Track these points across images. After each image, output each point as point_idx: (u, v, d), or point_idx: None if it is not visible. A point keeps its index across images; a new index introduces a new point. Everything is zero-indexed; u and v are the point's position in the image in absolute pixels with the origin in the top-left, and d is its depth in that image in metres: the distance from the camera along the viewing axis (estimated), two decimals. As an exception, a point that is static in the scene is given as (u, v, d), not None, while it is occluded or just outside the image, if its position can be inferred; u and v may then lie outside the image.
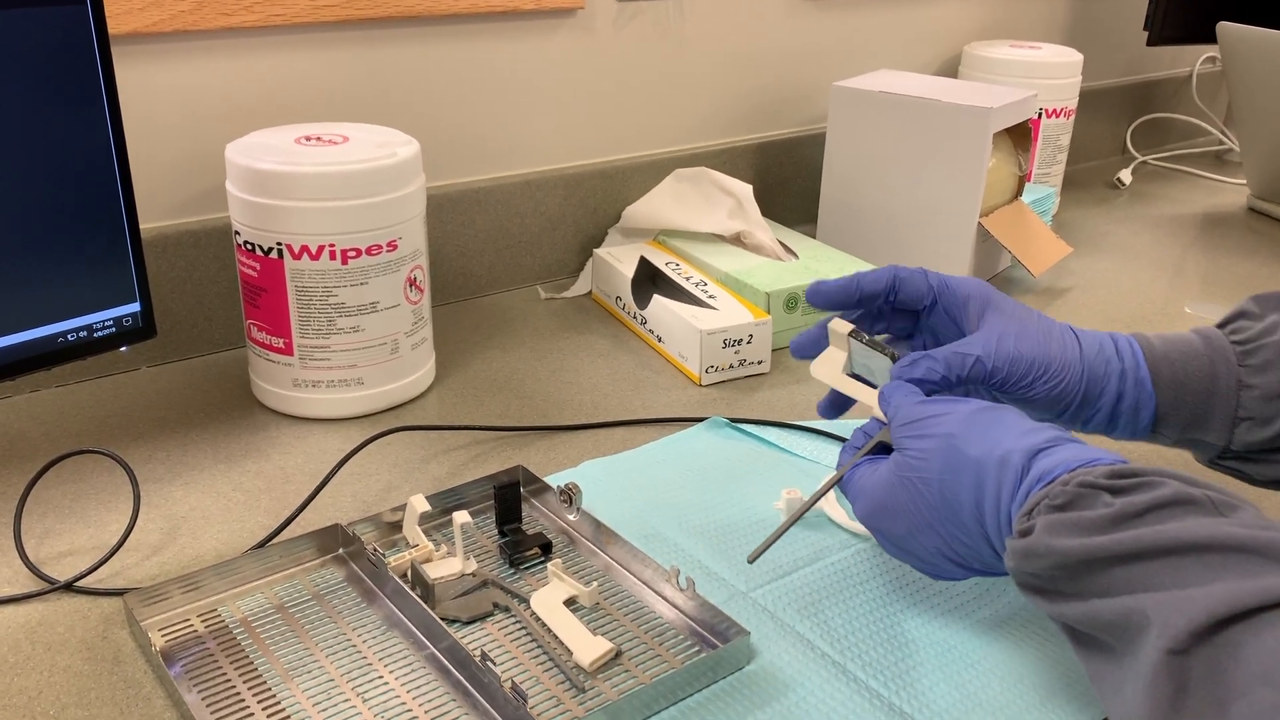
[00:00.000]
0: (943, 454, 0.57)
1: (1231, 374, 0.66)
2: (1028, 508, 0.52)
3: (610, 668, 0.61)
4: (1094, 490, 0.50)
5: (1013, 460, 0.55)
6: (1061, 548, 0.49)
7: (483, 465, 0.82)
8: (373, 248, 0.83)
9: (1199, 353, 0.67)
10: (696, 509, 0.76)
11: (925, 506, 0.58)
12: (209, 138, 0.94)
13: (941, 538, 0.58)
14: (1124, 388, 0.68)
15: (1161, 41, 1.58)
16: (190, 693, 0.59)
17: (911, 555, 0.61)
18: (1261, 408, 0.65)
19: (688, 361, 0.97)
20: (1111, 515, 0.48)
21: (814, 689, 0.60)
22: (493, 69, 1.10)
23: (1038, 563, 0.50)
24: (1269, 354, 0.65)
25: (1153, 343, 0.69)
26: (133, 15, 0.88)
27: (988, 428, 0.57)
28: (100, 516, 0.74)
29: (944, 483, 0.57)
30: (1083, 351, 0.68)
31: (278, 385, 0.87)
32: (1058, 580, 0.50)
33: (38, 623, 0.65)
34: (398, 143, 0.87)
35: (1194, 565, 0.45)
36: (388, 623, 0.65)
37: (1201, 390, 0.67)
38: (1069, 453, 0.54)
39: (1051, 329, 0.68)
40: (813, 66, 1.35)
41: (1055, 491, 0.51)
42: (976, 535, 0.57)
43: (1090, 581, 0.48)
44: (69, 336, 0.75)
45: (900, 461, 0.60)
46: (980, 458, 0.56)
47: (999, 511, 0.55)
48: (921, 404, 0.61)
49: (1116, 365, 0.68)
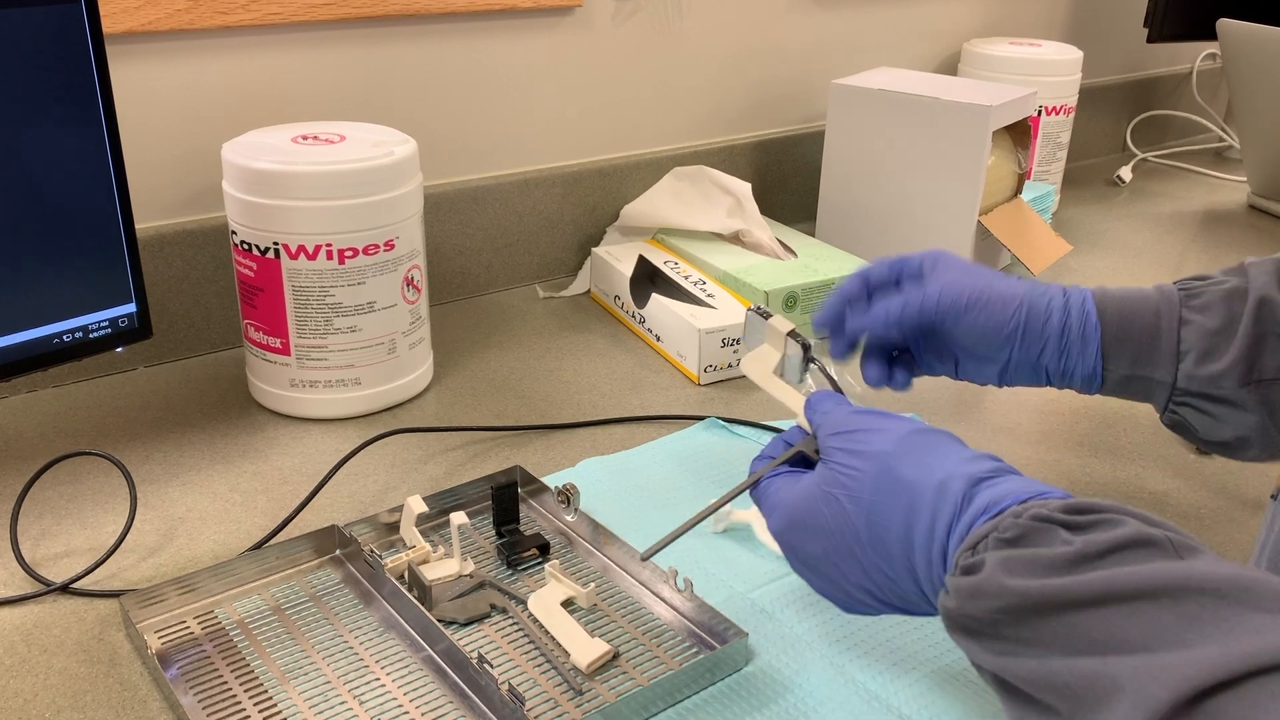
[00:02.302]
0: (875, 473, 0.53)
1: (1173, 311, 0.67)
2: (971, 541, 0.47)
3: (608, 669, 0.61)
4: (1049, 525, 0.46)
5: (952, 487, 0.50)
6: (1017, 588, 0.44)
7: (480, 465, 0.82)
8: (370, 247, 0.83)
9: (1146, 294, 0.69)
10: (695, 509, 0.75)
11: (849, 529, 0.53)
12: (205, 137, 0.94)
13: (862, 566, 0.53)
14: (1069, 319, 0.68)
15: (1161, 38, 1.57)
16: (186, 695, 0.58)
17: (824, 580, 0.55)
18: (1202, 341, 0.66)
19: (686, 360, 0.96)
20: (1071, 554, 0.44)
21: (813, 690, 0.60)
22: (490, 67, 1.09)
23: (985, 604, 0.45)
24: (1210, 298, 0.67)
25: (1107, 290, 0.70)
26: (129, 14, 0.87)
27: (925, 450, 0.53)
28: (97, 518, 0.74)
29: (874, 505, 0.52)
30: (1028, 288, 0.69)
31: (275, 385, 0.87)
32: (1003, 625, 0.45)
33: (33, 625, 0.64)
34: (394, 142, 0.86)
35: (1167, 616, 0.40)
36: (385, 624, 0.64)
37: (1145, 325, 0.68)
38: (1015, 484, 0.50)
39: (1001, 275, 0.70)
40: (811, 64, 1.35)
41: (1006, 524, 0.47)
42: (901, 567, 0.52)
43: (1045, 629, 0.43)
44: (65, 337, 0.75)
45: (827, 476, 0.55)
46: (916, 481, 0.51)
47: (931, 543, 0.50)
48: (855, 414, 0.57)
49: (1060, 300, 0.69)
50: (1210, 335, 0.66)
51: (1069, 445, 0.87)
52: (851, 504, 0.53)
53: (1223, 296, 0.67)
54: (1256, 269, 0.67)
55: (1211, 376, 0.66)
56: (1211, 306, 0.67)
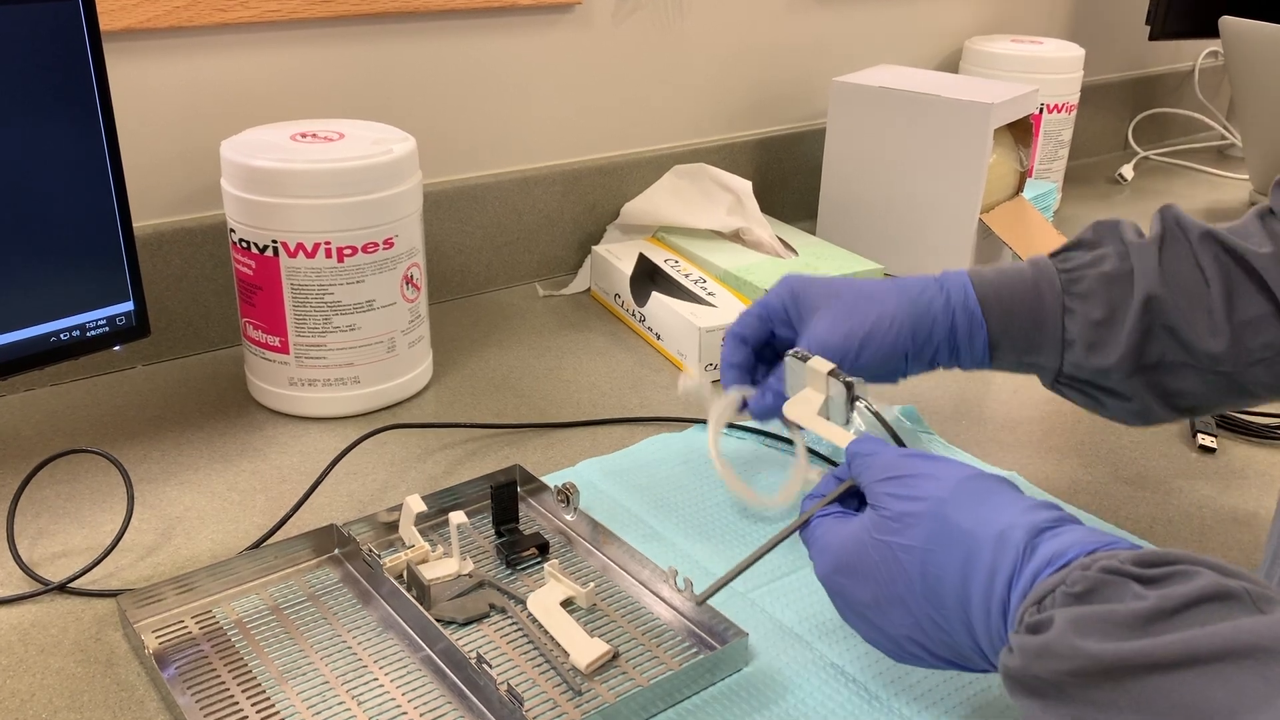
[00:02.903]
0: (930, 520, 0.51)
1: (1056, 300, 0.67)
2: (1037, 596, 0.45)
3: (607, 670, 0.61)
4: (1120, 578, 0.43)
5: (1013, 538, 0.48)
6: (1090, 651, 0.41)
7: (480, 464, 0.81)
8: (369, 245, 0.83)
9: (1027, 280, 0.69)
10: (695, 509, 0.75)
11: (900, 577, 0.51)
12: (204, 135, 0.94)
13: (914, 617, 0.51)
14: (954, 320, 0.68)
15: (1164, 36, 1.57)
16: (184, 695, 0.58)
17: (873, 628, 0.54)
18: (1085, 332, 0.66)
19: (686, 359, 0.96)
20: (1146, 611, 0.41)
21: (812, 691, 0.59)
22: (490, 64, 1.09)
23: (1055, 665, 0.43)
24: (1090, 283, 0.67)
25: (984, 274, 0.70)
26: (127, 11, 0.87)
27: (982, 498, 0.51)
28: (95, 517, 0.74)
29: (928, 555, 0.50)
30: (905, 304, 0.69)
31: (274, 384, 0.87)
32: (1074, 688, 0.42)
33: (30, 624, 0.64)
34: (394, 139, 0.86)
35: (1253, 680, 0.38)
36: (383, 624, 0.64)
37: (1029, 315, 0.68)
38: (1079, 534, 0.47)
39: (872, 293, 0.69)
40: (812, 62, 1.34)
41: (1074, 577, 0.44)
42: (956, 621, 0.50)
43: (1121, 693, 0.41)
44: (62, 336, 0.74)
45: (877, 522, 0.53)
46: (973, 531, 0.49)
47: (991, 596, 0.48)
48: (904, 458, 0.55)
49: (941, 301, 0.69)
50: (1095, 327, 0.66)
51: (1071, 446, 0.86)
52: (904, 553, 0.51)
53: (1103, 282, 0.66)
54: (1139, 254, 0.66)
55: (1098, 369, 0.67)
56: (1093, 295, 0.67)
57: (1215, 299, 0.65)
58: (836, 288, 0.70)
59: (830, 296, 0.70)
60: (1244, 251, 0.65)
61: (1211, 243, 0.66)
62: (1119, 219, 0.70)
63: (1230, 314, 0.65)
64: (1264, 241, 0.65)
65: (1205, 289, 0.65)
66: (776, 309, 0.72)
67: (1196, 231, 0.67)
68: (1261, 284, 0.64)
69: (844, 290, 0.70)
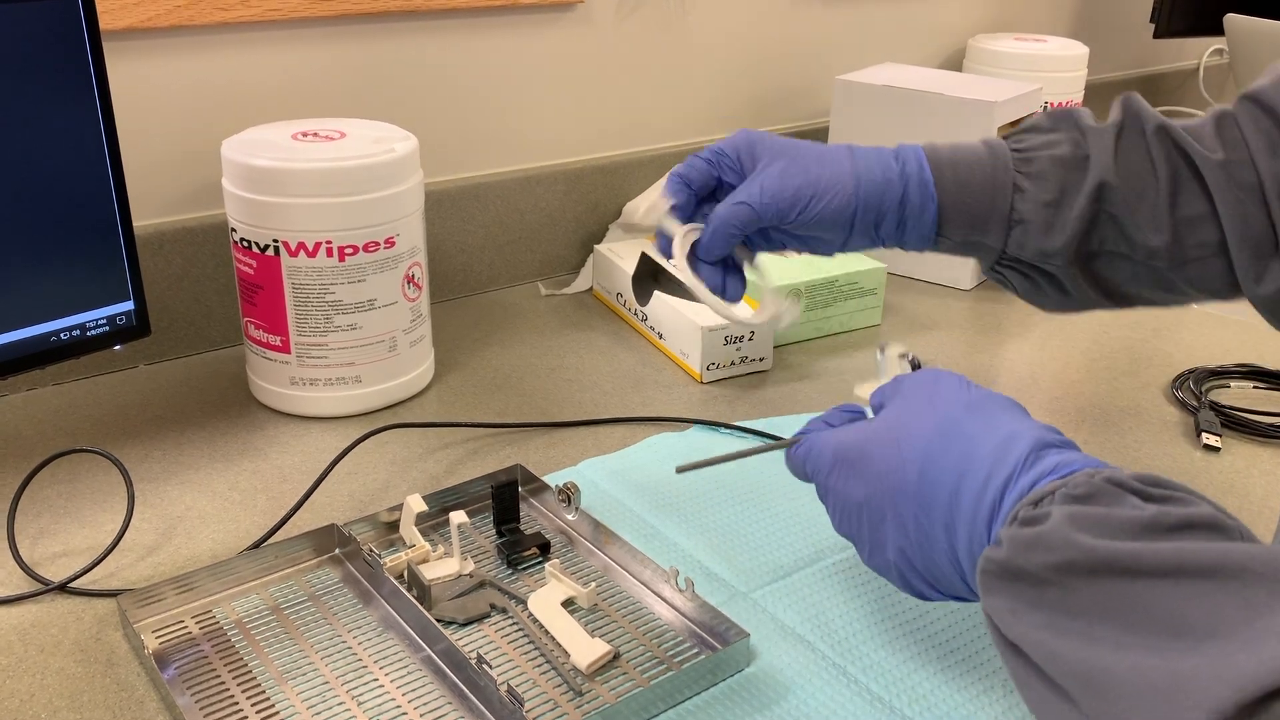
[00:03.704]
0: (938, 422, 0.52)
1: (1008, 178, 0.67)
2: (1035, 496, 0.46)
3: (608, 670, 0.60)
4: (1122, 490, 0.44)
5: (1017, 446, 0.49)
6: (1084, 544, 0.42)
7: (481, 463, 0.81)
8: (370, 244, 0.83)
9: (981, 157, 0.68)
10: (696, 509, 0.75)
11: (896, 475, 0.52)
12: (205, 134, 0.94)
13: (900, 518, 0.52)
14: (907, 191, 0.67)
15: (1168, 34, 1.57)
16: (183, 695, 0.58)
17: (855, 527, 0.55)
18: (1035, 213, 0.66)
19: (689, 358, 0.96)
20: (1144, 520, 0.42)
21: (815, 692, 0.59)
22: (492, 63, 1.09)
23: (1044, 557, 0.43)
24: (1043, 165, 0.66)
25: (938, 149, 0.69)
26: (128, 10, 0.87)
27: (994, 409, 0.52)
28: (95, 516, 0.74)
29: (929, 452, 0.51)
30: (858, 166, 0.68)
31: (275, 383, 0.87)
32: (1057, 585, 0.43)
33: (31, 624, 0.64)
34: (395, 138, 0.86)
35: (1232, 601, 0.38)
36: (384, 624, 0.64)
37: (981, 191, 0.67)
38: (1084, 457, 0.49)
39: (825, 154, 0.68)
40: (816, 60, 1.34)
41: (1077, 481, 0.45)
42: (939, 523, 0.50)
43: (1104, 595, 0.41)
44: (62, 335, 0.74)
45: (888, 418, 0.54)
46: (978, 434, 0.50)
47: (981, 497, 0.48)
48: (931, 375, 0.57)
49: (896, 169, 0.68)
50: (1044, 208, 0.66)
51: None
52: (908, 448, 0.52)
53: (1056, 164, 0.66)
54: (1095, 139, 0.66)
55: (1042, 252, 0.66)
56: (1045, 176, 0.66)
57: (1161, 194, 0.65)
58: (792, 144, 0.69)
59: (784, 151, 0.68)
60: (1195, 154, 0.65)
61: (1165, 137, 0.66)
62: (1076, 107, 0.69)
63: (1173, 210, 0.65)
64: (1216, 147, 0.65)
65: (1154, 182, 0.65)
66: (729, 156, 0.70)
67: (1153, 124, 0.66)
68: (1205, 187, 0.64)
69: (799, 147, 0.69)
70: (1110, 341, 1.04)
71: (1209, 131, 0.66)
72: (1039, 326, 1.08)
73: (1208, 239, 0.65)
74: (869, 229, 0.69)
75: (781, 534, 0.72)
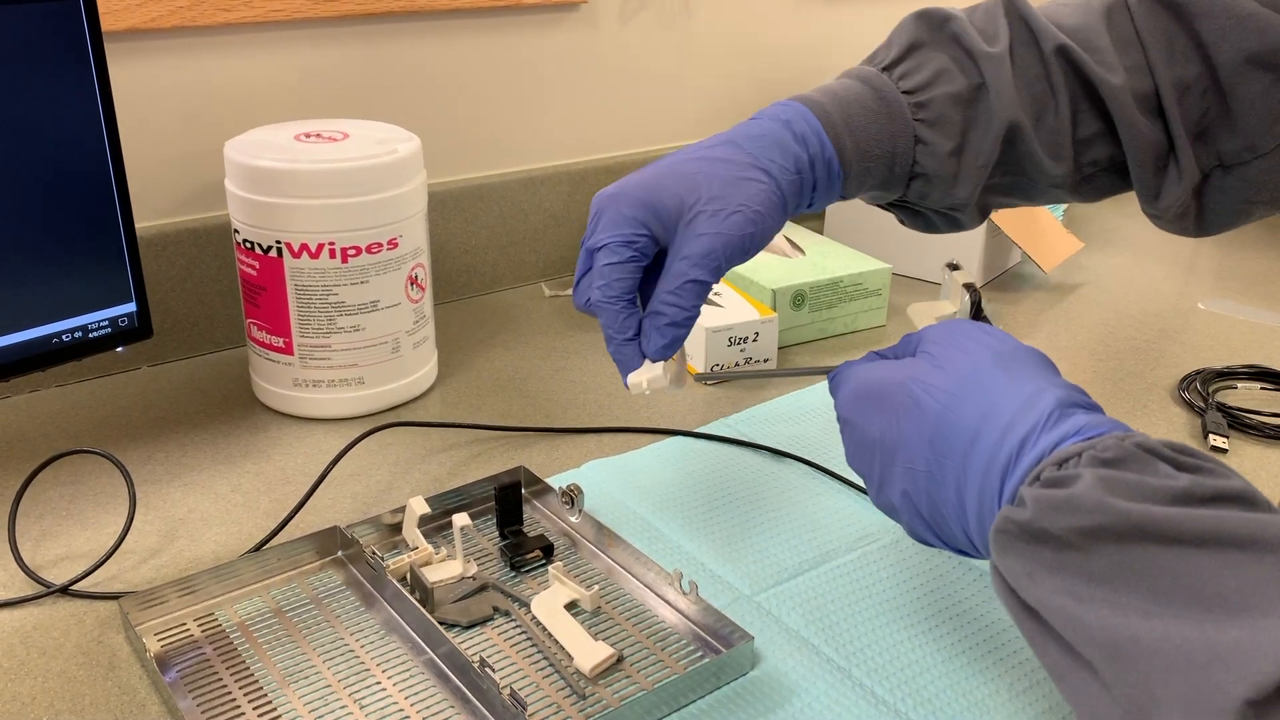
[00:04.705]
0: (963, 371, 0.50)
1: (907, 131, 0.62)
2: (1060, 457, 0.44)
3: (611, 673, 0.60)
4: (1154, 457, 0.43)
5: (1042, 401, 0.47)
6: (1118, 508, 0.40)
7: (484, 465, 0.81)
8: (373, 245, 0.82)
9: (876, 113, 0.62)
10: (700, 511, 0.75)
11: (913, 417, 0.51)
12: (208, 135, 0.93)
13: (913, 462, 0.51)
14: (817, 180, 0.62)
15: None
16: (185, 699, 0.58)
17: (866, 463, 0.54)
18: (937, 165, 0.62)
19: (693, 359, 0.95)
20: (1179, 490, 0.41)
21: (819, 695, 0.59)
22: (495, 64, 1.09)
23: (1074, 520, 0.41)
24: (940, 108, 0.62)
25: (829, 112, 0.62)
26: (131, 11, 0.87)
27: (1025, 363, 0.50)
28: (98, 518, 0.74)
29: (951, 400, 0.50)
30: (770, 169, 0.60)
31: (278, 385, 0.87)
32: (1084, 549, 0.41)
33: (33, 627, 0.64)
34: (398, 139, 0.85)
35: (1269, 573, 0.38)
36: (386, 627, 0.64)
37: (883, 155, 0.62)
38: (1110, 421, 0.47)
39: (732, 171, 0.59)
40: (820, 60, 1.34)
41: (1107, 443, 0.43)
42: (951, 474, 0.49)
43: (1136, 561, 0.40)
44: (64, 337, 0.74)
45: (915, 364, 0.53)
46: (1005, 385, 0.49)
47: (999, 448, 0.47)
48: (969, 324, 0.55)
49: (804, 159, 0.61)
50: (949, 158, 0.62)
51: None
52: (930, 392, 0.51)
53: (952, 104, 0.62)
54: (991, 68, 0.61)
55: (948, 204, 0.64)
56: (944, 121, 0.62)
57: (1063, 120, 0.62)
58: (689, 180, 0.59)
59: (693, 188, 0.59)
60: (1096, 79, 0.61)
61: (1064, 60, 0.62)
62: (944, 9, 0.64)
63: (1074, 134, 0.62)
64: (1115, 63, 0.61)
65: (1054, 108, 0.62)
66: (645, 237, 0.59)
67: (1051, 44, 0.61)
68: (1103, 108, 0.62)
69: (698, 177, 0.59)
70: (1116, 342, 1.04)
71: (1100, 31, 0.62)
72: (1044, 326, 1.07)
73: (1101, 156, 0.63)
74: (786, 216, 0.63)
75: (786, 536, 0.72)
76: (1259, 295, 1.14)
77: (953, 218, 0.67)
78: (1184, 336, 1.05)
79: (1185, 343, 1.04)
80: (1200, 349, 1.03)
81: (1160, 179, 0.63)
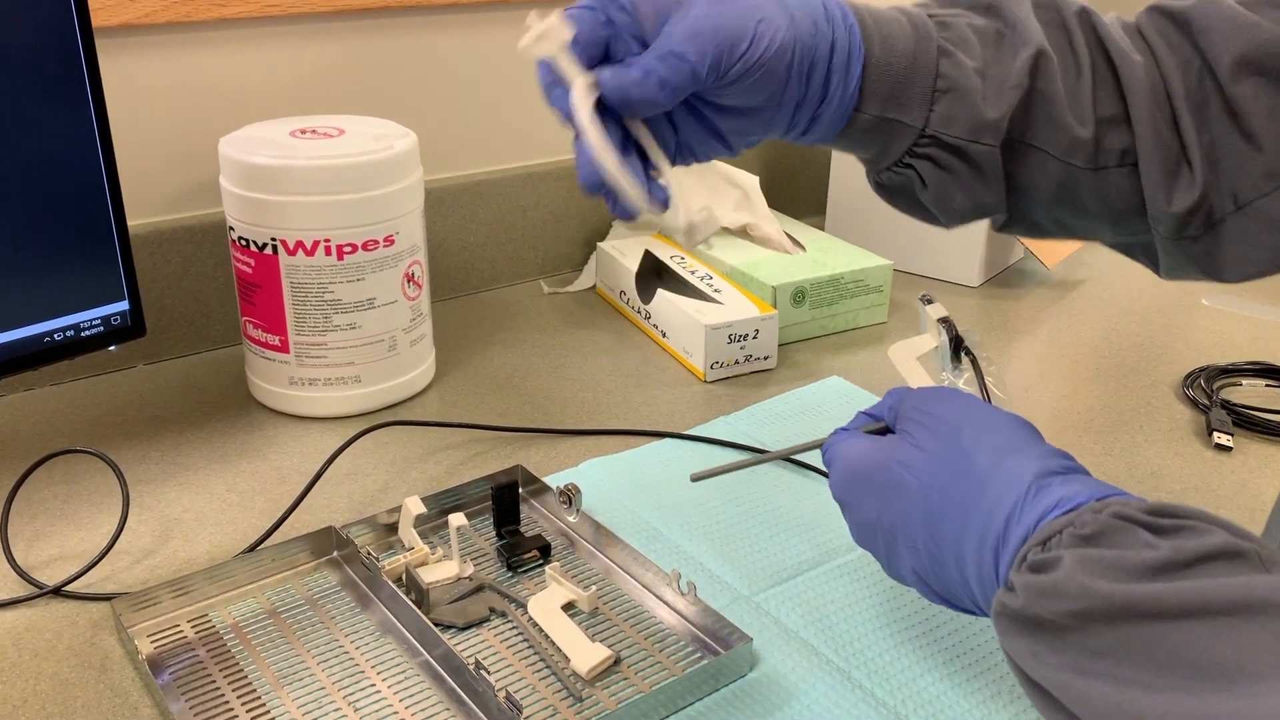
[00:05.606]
0: (943, 452, 0.51)
1: (931, 44, 0.56)
2: (1042, 536, 0.45)
3: (609, 675, 0.59)
4: (1132, 525, 0.42)
5: (1021, 477, 0.48)
6: (1100, 591, 0.40)
7: (481, 464, 0.80)
8: (369, 243, 0.82)
9: (902, 22, 0.57)
10: (699, 511, 0.74)
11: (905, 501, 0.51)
12: (202, 131, 0.93)
13: (912, 543, 0.51)
14: (836, 37, 0.55)
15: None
16: (178, 701, 0.57)
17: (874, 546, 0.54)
18: (966, 79, 0.56)
19: (692, 357, 0.95)
20: (1158, 560, 0.40)
21: (818, 697, 0.58)
22: (493, 59, 1.08)
23: (1060, 605, 0.42)
24: (962, 31, 0.57)
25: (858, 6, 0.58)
26: (124, 7, 0.86)
27: (997, 433, 0.51)
28: (92, 518, 0.73)
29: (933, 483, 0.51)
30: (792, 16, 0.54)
31: (274, 383, 0.86)
32: (1076, 631, 0.41)
33: (25, 628, 0.63)
34: (394, 135, 0.85)
35: (1262, 636, 0.37)
36: (381, 628, 0.63)
37: (906, 53, 0.56)
38: (1090, 483, 0.47)
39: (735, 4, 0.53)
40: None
41: (1084, 519, 0.44)
42: (950, 555, 0.50)
43: (1127, 640, 0.40)
44: (56, 336, 0.73)
45: (896, 445, 0.54)
46: (982, 463, 0.49)
47: (987, 530, 0.47)
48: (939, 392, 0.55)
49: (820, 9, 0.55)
50: (972, 75, 0.56)
51: (1084, 445, 0.85)
52: (913, 478, 0.51)
53: (977, 34, 0.57)
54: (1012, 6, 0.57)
55: (975, 125, 0.56)
56: (967, 43, 0.56)
57: (1084, 81, 0.56)
58: None
59: None
60: (1115, 51, 0.57)
61: (1087, 24, 0.58)
62: None
63: (1095, 105, 0.57)
64: (1135, 49, 0.57)
65: (1076, 67, 0.57)
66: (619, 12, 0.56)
67: (1072, 6, 0.58)
68: (1120, 89, 0.57)
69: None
70: (1120, 339, 1.03)
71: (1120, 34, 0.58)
72: (1047, 323, 1.07)
73: (1118, 146, 0.58)
74: (800, 83, 0.55)
75: (785, 537, 0.71)
76: (1264, 292, 1.13)
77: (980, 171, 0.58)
78: (1188, 333, 1.05)
79: (1189, 339, 1.03)
80: (1204, 346, 1.02)
81: (1171, 181, 0.60)
